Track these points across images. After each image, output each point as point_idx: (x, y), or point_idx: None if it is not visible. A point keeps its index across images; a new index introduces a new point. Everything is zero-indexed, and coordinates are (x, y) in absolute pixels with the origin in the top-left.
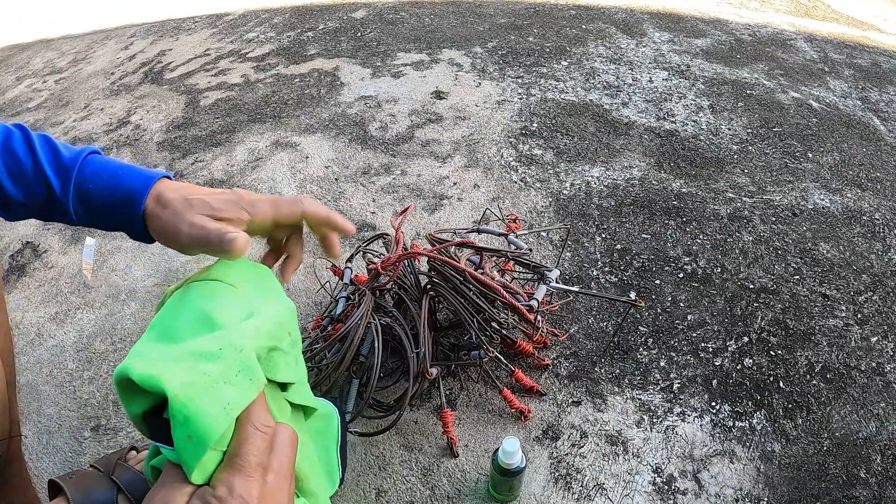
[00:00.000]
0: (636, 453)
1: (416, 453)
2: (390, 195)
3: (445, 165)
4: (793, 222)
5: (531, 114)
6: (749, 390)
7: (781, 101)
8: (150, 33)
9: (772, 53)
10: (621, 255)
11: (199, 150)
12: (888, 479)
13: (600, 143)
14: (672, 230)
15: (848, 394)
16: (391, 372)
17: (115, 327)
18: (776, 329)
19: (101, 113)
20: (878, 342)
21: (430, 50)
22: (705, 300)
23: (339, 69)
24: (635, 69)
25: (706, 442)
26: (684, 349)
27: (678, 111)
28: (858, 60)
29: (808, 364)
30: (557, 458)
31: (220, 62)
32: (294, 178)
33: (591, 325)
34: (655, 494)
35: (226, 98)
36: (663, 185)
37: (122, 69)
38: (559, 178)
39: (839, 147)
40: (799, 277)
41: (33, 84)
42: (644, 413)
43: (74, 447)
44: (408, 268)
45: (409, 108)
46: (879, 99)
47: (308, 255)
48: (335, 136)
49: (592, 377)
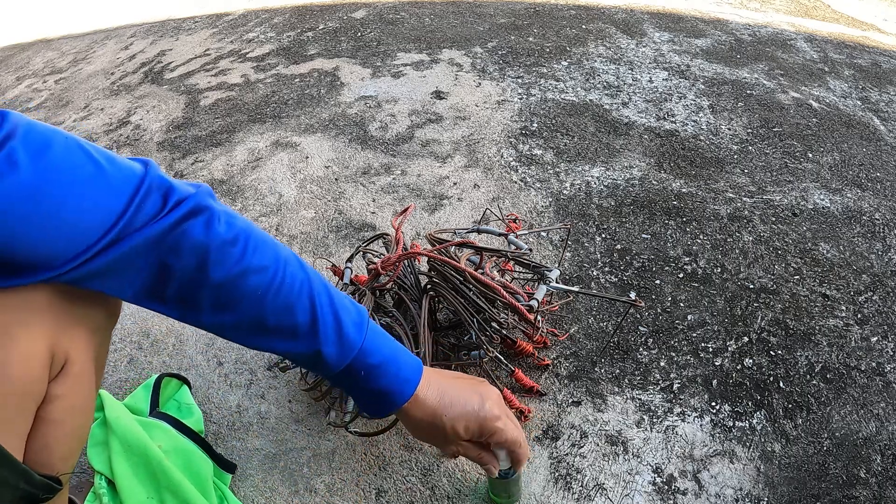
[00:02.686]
0: (636, 453)
1: (416, 453)
2: (390, 195)
3: (445, 165)
4: (793, 222)
5: (531, 114)
6: (749, 390)
7: (781, 101)
8: (150, 33)
9: (772, 53)
10: (621, 255)
11: (199, 150)
12: (888, 479)
13: (600, 143)
14: (672, 230)
15: (848, 394)
16: None
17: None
18: (776, 329)
19: (102, 113)
20: (878, 342)
21: (430, 50)
22: (705, 300)
23: (339, 69)
24: (635, 69)
25: (706, 442)
26: (684, 349)
27: (678, 111)
28: (858, 60)
29: (808, 364)
30: (557, 458)
31: (220, 62)
32: (294, 178)
33: (591, 325)
34: (655, 494)
35: (226, 98)
36: (663, 185)
37: (122, 69)
38: (559, 178)
39: (839, 147)
40: (799, 277)
41: (33, 84)
42: (644, 413)
43: None
44: (408, 268)
45: (409, 108)
46: (879, 99)
47: (308, 255)
48: (335, 136)
49: (592, 377)
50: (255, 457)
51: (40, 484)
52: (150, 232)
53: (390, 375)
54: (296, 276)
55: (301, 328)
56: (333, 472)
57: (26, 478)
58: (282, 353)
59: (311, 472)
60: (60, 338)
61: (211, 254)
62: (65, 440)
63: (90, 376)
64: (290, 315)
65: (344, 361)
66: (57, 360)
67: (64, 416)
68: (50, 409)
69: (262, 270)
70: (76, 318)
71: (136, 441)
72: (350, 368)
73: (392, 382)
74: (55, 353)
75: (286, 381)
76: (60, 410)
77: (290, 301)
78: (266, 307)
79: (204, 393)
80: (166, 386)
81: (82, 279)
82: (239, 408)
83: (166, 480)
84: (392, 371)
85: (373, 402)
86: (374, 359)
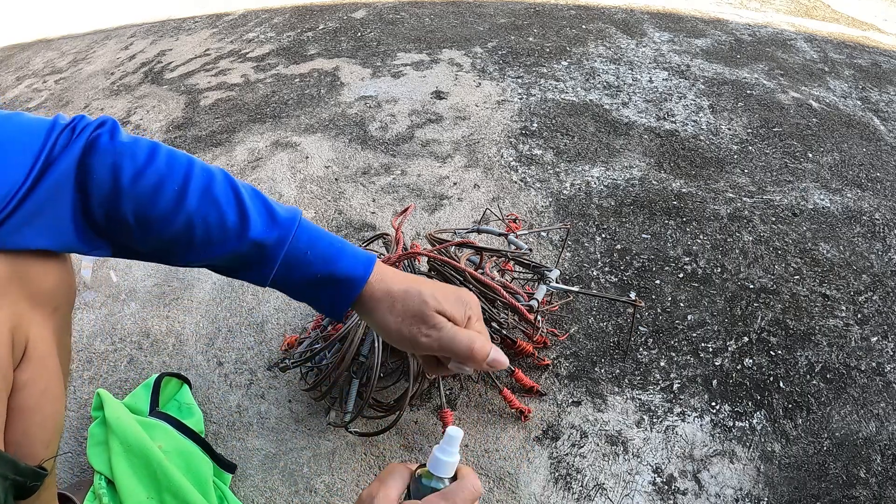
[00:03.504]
0: (636, 453)
1: (416, 453)
2: (390, 195)
3: (445, 165)
4: (793, 222)
5: (531, 114)
6: (749, 390)
7: (781, 101)
8: (150, 33)
9: (772, 53)
10: (621, 255)
11: (200, 150)
12: (888, 479)
13: (600, 143)
14: (672, 230)
15: (848, 394)
16: (391, 372)
17: (115, 327)
18: (776, 329)
19: (102, 113)
20: (878, 342)
21: (430, 50)
22: (705, 300)
23: (339, 69)
24: (635, 69)
25: (706, 442)
26: (684, 349)
27: (678, 111)
28: (858, 60)
29: (808, 364)
30: (557, 458)
31: (220, 62)
32: (294, 177)
33: (591, 325)
34: (655, 494)
35: (226, 98)
36: (663, 185)
37: (123, 69)
38: (559, 178)
39: (839, 147)
40: (799, 277)
41: (33, 84)
42: (644, 413)
43: (74, 447)
44: (408, 268)
45: (409, 108)
46: (879, 99)
47: None
48: (335, 136)
49: (592, 377)
50: (255, 457)
51: (27, 471)
52: (66, 158)
53: (335, 251)
54: (210, 171)
55: (231, 221)
56: (333, 472)
57: (13, 467)
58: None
59: (311, 472)
60: (19, 321)
61: (121, 160)
62: (42, 426)
63: (54, 358)
64: (216, 210)
65: (283, 245)
66: (17, 344)
67: (36, 402)
68: (21, 398)
69: (175, 170)
70: (33, 299)
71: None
72: (293, 253)
73: (343, 260)
74: (15, 338)
75: (286, 381)
76: (32, 397)
77: (212, 196)
78: (191, 208)
79: (204, 393)
80: (166, 385)
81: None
82: (239, 408)
83: (166, 481)
84: (337, 247)
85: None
86: (315, 235)
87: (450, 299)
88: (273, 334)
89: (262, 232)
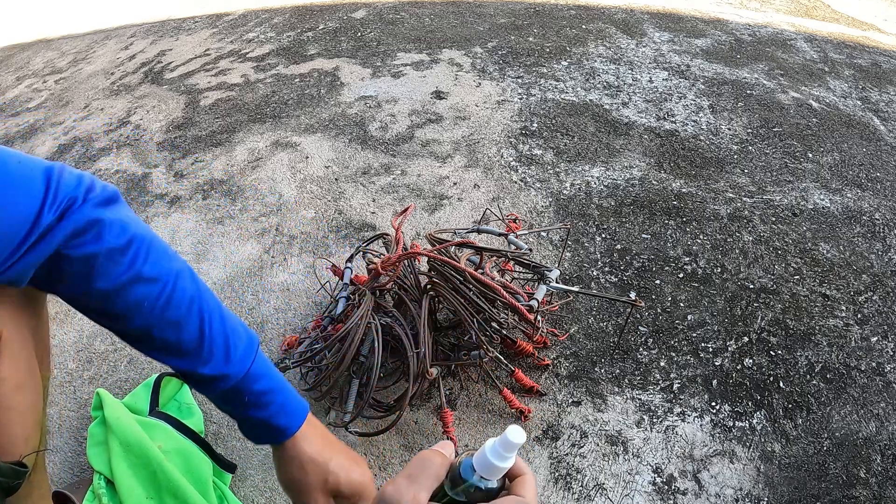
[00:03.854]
0: (636, 453)
1: (416, 453)
2: (390, 195)
3: (445, 165)
4: (793, 222)
5: (531, 114)
6: (749, 390)
7: (781, 101)
8: (150, 33)
9: (772, 53)
10: (621, 255)
11: (199, 150)
12: (888, 479)
13: (600, 143)
14: (672, 230)
15: (848, 394)
16: (391, 372)
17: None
18: (776, 329)
19: (102, 113)
20: (878, 342)
21: (430, 50)
22: (705, 300)
23: (339, 69)
24: (635, 69)
25: (706, 442)
26: (684, 349)
27: (678, 111)
28: (858, 60)
29: (808, 364)
30: (557, 458)
31: (220, 62)
32: (294, 178)
33: (591, 325)
34: (655, 494)
35: (226, 98)
36: (663, 185)
37: (122, 69)
38: (559, 178)
39: (839, 147)
40: (799, 277)
41: (33, 84)
42: (644, 413)
43: (74, 447)
44: (408, 268)
45: (409, 108)
46: (879, 99)
47: (308, 255)
48: (335, 136)
49: (592, 377)
50: (255, 457)
51: (7, 471)
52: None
53: (276, 405)
54: (186, 290)
55: (188, 345)
56: None
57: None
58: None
59: None
60: None
61: (99, 263)
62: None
63: (27, 351)
64: (176, 330)
65: (228, 382)
66: None
67: (12, 397)
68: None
69: (151, 281)
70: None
71: (136, 441)
72: (236, 390)
73: (278, 413)
74: None
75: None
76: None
77: (178, 316)
78: (153, 320)
79: None
80: (166, 385)
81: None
82: None
83: (166, 480)
84: (278, 401)
85: (254, 430)
86: (261, 385)
87: (353, 482)
88: (273, 334)
89: (210, 368)
